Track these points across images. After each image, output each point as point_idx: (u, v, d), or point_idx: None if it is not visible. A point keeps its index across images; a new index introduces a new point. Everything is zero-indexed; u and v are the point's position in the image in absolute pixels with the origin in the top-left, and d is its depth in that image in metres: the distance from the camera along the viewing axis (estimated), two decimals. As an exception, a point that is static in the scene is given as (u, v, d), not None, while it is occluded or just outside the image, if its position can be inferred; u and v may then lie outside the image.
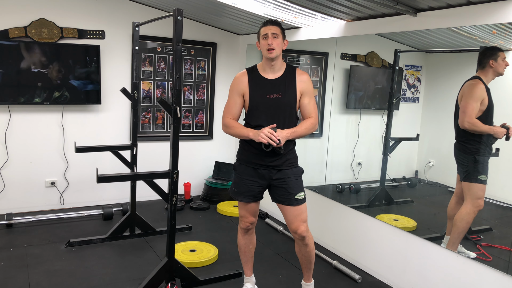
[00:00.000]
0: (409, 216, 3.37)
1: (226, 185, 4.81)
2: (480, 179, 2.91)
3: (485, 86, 2.83)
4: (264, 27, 2.50)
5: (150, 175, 2.69)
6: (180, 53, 2.52)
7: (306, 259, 2.72)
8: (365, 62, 4.05)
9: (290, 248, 3.65)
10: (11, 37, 3.89)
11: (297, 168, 2.60)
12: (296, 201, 2.55)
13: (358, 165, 4.21)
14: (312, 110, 2.56)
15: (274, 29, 2.46)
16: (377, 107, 4.05)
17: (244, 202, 2.65)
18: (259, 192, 2.63)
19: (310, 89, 2.56)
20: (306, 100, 2.55)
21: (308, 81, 2.56)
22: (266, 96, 2.50)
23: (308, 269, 2.77)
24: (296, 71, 2.56)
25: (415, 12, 2.78)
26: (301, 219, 2.58)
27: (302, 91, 2.54)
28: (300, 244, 2.66)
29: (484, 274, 2.51)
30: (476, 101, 2.83)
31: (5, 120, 4.02)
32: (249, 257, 2.86)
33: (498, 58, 2.78)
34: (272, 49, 2.44)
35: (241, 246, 2.84)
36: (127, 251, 3.48)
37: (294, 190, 2.55)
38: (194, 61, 4.85)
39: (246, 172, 2.60)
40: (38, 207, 4.26)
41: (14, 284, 2.85)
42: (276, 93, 2.50)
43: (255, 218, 2.74)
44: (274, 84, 2.52)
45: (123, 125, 4.55)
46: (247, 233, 2.79)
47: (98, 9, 4.27)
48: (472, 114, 2.83)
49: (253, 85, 2.53)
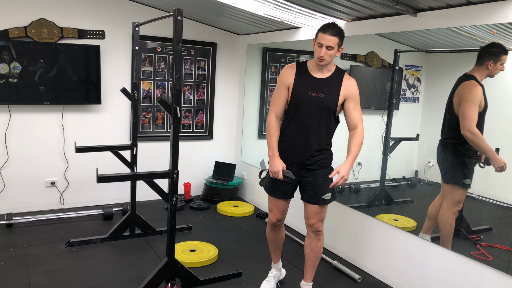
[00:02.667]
0: (409, 216, 3.36)
1: (226, 185, 4.82)
2: (464, 183, 2.87)
3: (482, 88, 2.76)
4: (322, 33, 2.41)
5: (150, 175, 2.70)
6: (180, 53, 2.53)
7: (314, 255, 2.75)
8: (365, 62, 4.05)
9: (290, 248, 3.65)
10: (11, 37, 3.89)
11: (329, 168, 2.63)
12: (323, 201, 2.61)
13: (358, 165, 4.21)
14: (358, 118, 2.55)
15: (331, 42, 2.40)
16: (377, 107, 4.05)
17: (276, 198, 2.71)
18: (291, 189, 2.68)
19: (355, 94, 2.55)
20: (351, 105, 2.54)
21: (354, 86, 2.55)
22: (309, 94, 2.52)
23: (312, 267, 2.78)
24: (344, 75, 2.56)
25: (415, 12, 2.78)
26: (320, 217, 2.66)
27: (347, 95, 2.53)
28: (312, 238, 2.71)
29: (484, 274, 2.51)
30: (476, 105, 2.73)
31: (5, 120, 4.02)
32: (277, 248, 2.94)
33: (498, 62, 2.69)
34: (323, 59, 2.45)
35: (269, 238, 2.92)
36: (127, 251, 3.48)
37: (321, 190, 2.60)
38: (194, 61, 4.85)
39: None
40: (38, 207, 4.26)
41: (14, 284, 2.85)
42: (318, 93, 2.51)
43: (283, 215, 2.78)
44: (319, 83, 2.53)
45: (123, 125, 4.55)
46: (274, 228, 2.85)
47: (98, 9, 4.27)
48: (473, 120, 2.72)
49: (299, 80, 2.55)
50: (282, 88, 2.60)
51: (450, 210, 2.90)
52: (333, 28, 2.40)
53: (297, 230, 4.07)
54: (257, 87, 4.95)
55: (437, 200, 3.09)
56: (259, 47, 4.84)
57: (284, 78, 2.59)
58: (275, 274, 2.98)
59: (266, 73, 4.85)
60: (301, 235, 3.96)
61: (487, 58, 2.73)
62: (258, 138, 5.00)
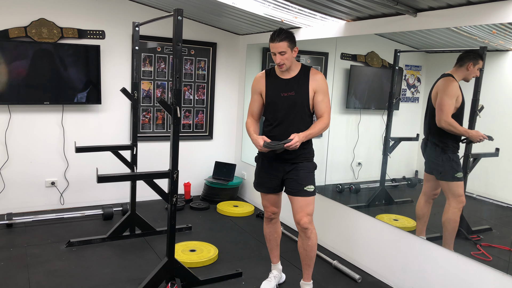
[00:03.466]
0: (409, 216, 3.36)
1: (226, 185, 4.82)
2: (457, 177, 2.96)
3: (458, 84, 2.90)
4: (271, 43, 2.58)
5: (150, 175, 2.70)
6: (180, 53, 2.53)
7: (307, 254, 2.75)
8: (365, 62, 4.05)
9: (290, 248, 3.65)
10: (11, 37, 3.89)
11: (310, 162, 2.73)
12: (305, 192, 2.67)
13: (358, 165, 4.21)
14: (325, 109, 2.67)
15: (280, 47, 2.54)
16: (377, 107, 4.05)
17: (264, 193, 2.84)
18: (276, 184, 2.78)
19: (323, 87, 2.67)
20: (319, 98, 2.66)
21: (321, 80, 2.67)
22: (281, 94, 2.67)
23: (307, 266, 2.79)
24: (310, 70, 2.68)
25: (415, 12, 2.78)
26: (306, 211, 2.68)
27: (315, 89, 2.65)
28: (302, 237, 2.74)
29: (484, 274, 2.51)
30: (451, 98, 2.89)
31: (5, 120, 4.02)
32: (274, 245, 2.99)
33: (476, 65, 2.83)
34: (282, 65, 2.60)
35: (266, 235, 2.98)
36: (127, 251, 3.48)
37: (304, 181, 2.67)
38: (194, 61, 4.85)
39: (263, 165, 2.79)
40: (38, 207, 4.26)
41: (14, 284, 2.85)
42: (289, 92, 2.66)
43: (277, 208, 2.89)
44: (288, 83, 2.68)
45: (123, 125, 4.55)
46: (271, 222, 2.93)
47: (98, 9, 4.27)
48: (449, 112, 2.89)
49: (269, 85, 2.73)
50: (255, 95, 2.81)
51: (456, 205, 2.94)
52: (279, 35, 2.54)
53: (297, 230, 4.07)
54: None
55: (420, 199, 3.16)
56: (259, 47, 4.84)
57: (255, 85, 2.80)
58: (275, 274, 2.99)
59: (266, 73, 4.85)
60: (301, 235, 3.96)
61: (468, 60, 2.88)
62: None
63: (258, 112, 2.83)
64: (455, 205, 2.94)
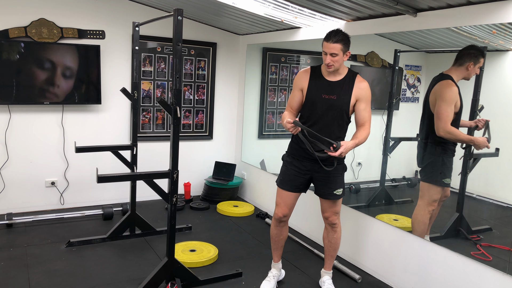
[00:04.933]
0: (409, 216, 3.36)
1: (226, 185, 4.82)
2: (444, 182, 2.92)
3: (457, 88, 2.80)
4: (325, 41, 2.53)
5: (150, 175, 2.70)
6: (180, 53, 2.53)
7: (331, 246, 2.92)
8: (365, 62, 4.05)
9: (291, 248, 3.65)
10: (11, 37, 3.89)
11: (341, 165, 2.76)
12: (334, 196, 2.76)
13: (358, 165, 4.21)
14: (367, 118, 2.66)
15: (333, 49, 2.50)
16: (377, 107, 4.05)
17: (286, 190, 2.82)
18: (301, 183, 2.80)
19: (367, 96, 2.65)
20: (362, 106, 2.64)
21: (366, 88, 2.65)
22: (322, 96, 2.66)
23: (330, 257, 2.96)
24: (356, 77, 2.66)
25: (415, 12, 2.78)
26: (335, 211, 2.83)
27: (358, 97, 2.64)
28: (329, 230, 2.90)
29: (484, 274, 2.51)
30: (450, 105, 2.79)
31: (5, 120, 4.02)
32: (279, 246, 3.01)
33: (477, 64, 2.75)
34: (331, 66, 2.57)
35: (272, 235, 2.99)
36: (127, 251, 3.48)
37: (333, 185, 2.74)
38: (194, 61, 4.85)
39: (292, 164, 2.79)
40: (38, 207, 4.26)
41: (14, 284, 2.85)
42: (331, 95, 2.64)
43: (290, 211, 2.88)
44: (332, 86, 2.66)
45: (123, 125, 4.55)
46: (279, 224, 2.93)
47: (98, 9, 4.27)
48: (447, 120, 2.79)
49: (313, 83, 2.70)
50: (296, 90, 2.77)
51: (426, 209, 2.96)
52: (335, 36, 2.50)
53: (297, 230, 4.07)
54: (257, 87, 4.95)
55: None
56: (259, 47, 4.84)
57: (298, 81, 2.76)
58: (275, 274, 3.00)
59: (266, 73, 4.85)
60: (301, 235, 3.97)
61: (468, 60, 2.77)
62: (258, 138, 4.99)
63: (297, 107, 2.78)
64: (426, 207, 2.95)
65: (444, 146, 2.94)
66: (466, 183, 2.98)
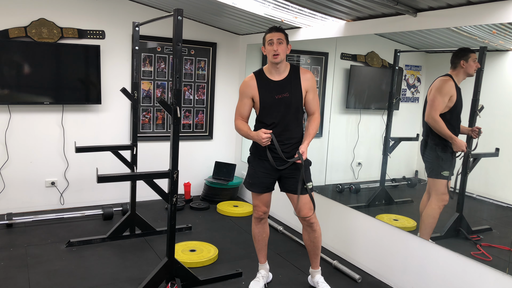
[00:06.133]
0: (409, 216, 3.37)
1: (226, 185, 4.82)
2: (442, 175, 3.01)
3: (455, 84, 2.92)
4: (269, 33, 2.68)
5: (150, 175, 2.70)
6: (180, 53, 2.53)
7: (314, 245, 2.92)
8: (365, 62, 4.05)
9: (290, 247, 3.65)
10: (11, 37, 3.89)
11: (306, 160, 2.78)
12: (305, 190, 2.75)
13: (358, 165, 4.21)
14: (316, 106, 2.79)
15: (279, 35, 2.65)
16: (377, 107, 4.05)
17: (257, 192, 2.86)
18: (270, 183, 2.84)
19: (313, 85, 2.78)
20: (311, 96, 2.76)
21: (311, 78, 2.77)
22: (275, 97, 2.71)
23: (315, 255, 2.96)
24: (299, 70, 2.76)
25: (415, 12, 2.78)
26: (310, 207, 2.79)
27: (307, 88, 2.75)
28: (308, 230, 2.88)
29: (484, 274, 2.51)
30: (443, 96, 2.92)
31: (5, 120, 4.02)
32: (263, 245, 3.03)
33: (469, 59, 2.85)
34: (277, 54, 2.64)
35: (255, 235, 3.01)
36: (127, 251, 3.48)
37: (305, 179, 2.74)
38: (194, 61, 4.85)
39: (259, 165, 2.81)
40: (38, 207, 4.26)
41: (14, 284, 2.85)
42: (283, 93, 2.71)
43: (268, 208, 2.93)
44: (281, 84, 2.73)
45: (123, 125, 4.55)
46: (260, 222, 2.96)
47: (98, 9, 4.27)
48: (437, 108, 2.92)
49: (262, 88, 2.74)
50: (245, 98, 2.79)
51: (437, 202, 3.03)
52: (276, 28, 2.68)
53: (297, 230, 4.07)
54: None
55: (424, 198, 3.17)
56: (259, 47, 4.83)
57: (246, 90, 2.78)
58: (264, 274, 3.02)
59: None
60: (301, 235, 3.96)
61: (458, 60, 2.91)
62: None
63: (247, 115, 2.85)
64: (436, 202, 3.02)
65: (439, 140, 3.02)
66: (466, 183, 2.99)
